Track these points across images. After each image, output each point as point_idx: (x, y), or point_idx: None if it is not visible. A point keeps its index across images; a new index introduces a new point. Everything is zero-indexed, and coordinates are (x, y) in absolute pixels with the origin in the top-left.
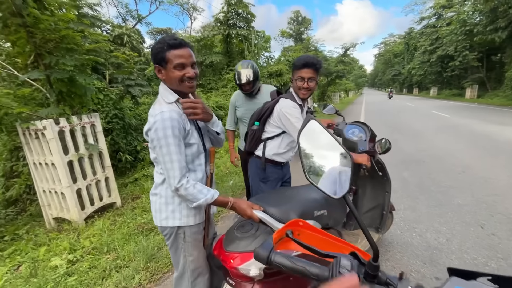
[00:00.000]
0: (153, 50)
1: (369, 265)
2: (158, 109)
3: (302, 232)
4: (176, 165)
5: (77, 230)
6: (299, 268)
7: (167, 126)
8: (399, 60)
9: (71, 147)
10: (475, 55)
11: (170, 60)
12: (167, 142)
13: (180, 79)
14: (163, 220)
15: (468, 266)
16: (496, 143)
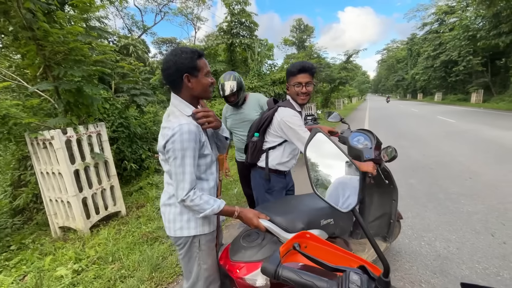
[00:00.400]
0: (180, 60)
1: (380, 281)
2: (176, 122)
3: (309, 244)
4: (188, 177)
5: (83, 239)
6: (307, 283)
7: (185, 139)
8: (402, 66)
9: (77, 156)
10: (479, 60)
11: (201, 68)
12: (183, 154)
13: (209, 85)
14: (177, 230)
15: (480, 276)
16: (504, 148)
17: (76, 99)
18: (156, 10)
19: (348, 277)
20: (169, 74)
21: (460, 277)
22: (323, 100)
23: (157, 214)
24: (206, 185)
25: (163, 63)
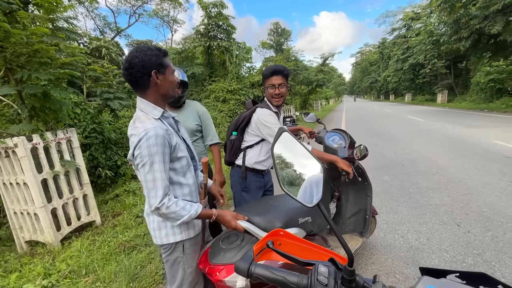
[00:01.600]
0: (146, 57)
1: (345, 270)
2: (142, 127)
3: (283, 241)
4: (159, 184)
5: (52, 253)
6: (279, 278)
7: (152, 144)
8: (375, 68)
9: (45, 164)
10: (443, 63)
11: (168, 66)
12: (152, 160)
13: (173, 87)
14: (163, 237)
15: (448, 264)
16: (466, 144)
17: (43, 104)
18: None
19: (317, 270)
20: (135, 72)
21: (430, 266)
22: (302, 102)
23: (135, 221)
24: (187, 190)
25: (127, 61)
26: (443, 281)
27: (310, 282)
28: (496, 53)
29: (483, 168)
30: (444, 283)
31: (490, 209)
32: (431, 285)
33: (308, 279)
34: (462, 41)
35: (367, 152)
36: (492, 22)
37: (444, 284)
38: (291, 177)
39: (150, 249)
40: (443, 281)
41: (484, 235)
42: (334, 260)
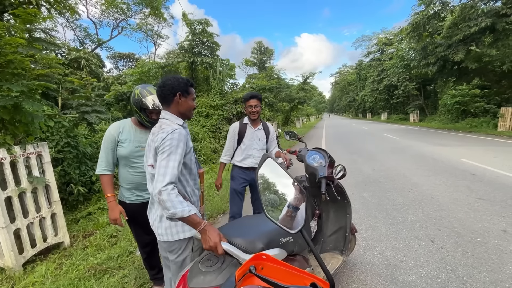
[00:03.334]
0: (177, 82)
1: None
2: (170, 127)
3: (265, 265)
4: (169, 171)
5: (12, 279)
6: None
7: (175, 137)
8: (353, 88)
9: (10, 181)
10: (414, 85)
11: (191, 93)
12: (170, 151)
13: (193, 108)
14: (174, 234)
15: (424, 280)
16: (437, 162)
17: (13, 116)
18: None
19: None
20: (165, 90)
21: (407, 283)
22: (284, 118)
23: (108, 242)
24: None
25: (162, 81)
26: None
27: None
28: (459, 78)
29: (453, 185)
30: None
31: (460, 224)
32: None
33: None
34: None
35: (345, 172)
36: (455, 51)
37: None
38: (274, 202)
39: (124, 272)
40: None
41: (456, 251)
42: (315, 285)
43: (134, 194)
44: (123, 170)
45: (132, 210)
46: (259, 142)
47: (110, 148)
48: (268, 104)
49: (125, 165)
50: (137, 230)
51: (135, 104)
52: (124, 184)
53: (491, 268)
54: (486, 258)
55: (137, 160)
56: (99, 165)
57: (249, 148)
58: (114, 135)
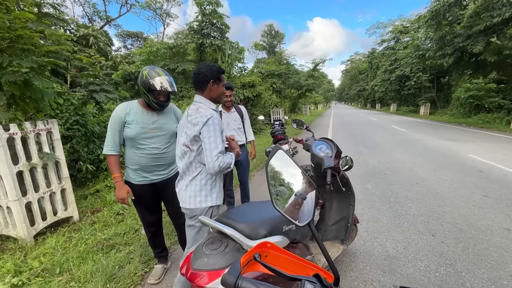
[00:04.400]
0: (209, 69)
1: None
2: (207, 111)
3: (270, 253)
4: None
5: (25, 249)
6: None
7: (216, 123)
8: (363, 77)
9: (21, 156)
10: (427, 76)
11: (222, 80)
12: (215, 134)
13: (223, 94)
14: (197, 203)
15: (422, 273)
16: (444, 157)
17: (23, 92)
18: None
19: (303, 287)
20: (199, 77)
21: (405, 275)
22: (291, 105)
23: (115, 219)
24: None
25: (197, 69)
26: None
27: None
28: (476, 71)
29: (459, 181)
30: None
31: (463, 221)
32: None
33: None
34: (445, 57)
35: (352, 164)
36: (474, 42)
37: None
38: (283, 193)
39: (130, 248)
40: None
41: (457, 246)
42: (319, 276)
43: (140, 175)
44: (130, 151)
45: (138, 190)
46: (234, 122)
47: (117, 129)
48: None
49: (132, 146)
50: (142, 210)
51: (142, 85)
52: (130, 165)
53: (490, 265)
54: (486, 255)
55: (144, 142)
56: (106, 145)
57: (227, 130)
58: (121, 116)
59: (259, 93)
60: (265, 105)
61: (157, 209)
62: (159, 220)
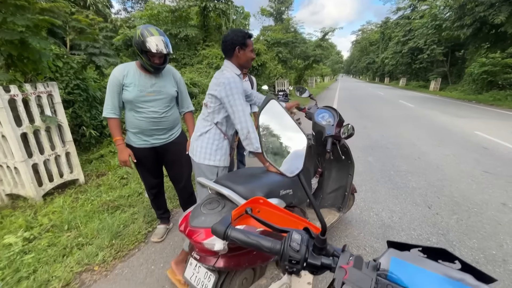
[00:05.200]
0: (236, 36)
1: (317, 238)
2: (230, 74)
3: (262, 209)
4: (246, 111)
5: (34, 207)
6: (253, 242)
7: (237, 86)
8: (374, 49)
9: (24, 118)
10: (441, 49)
11: (249, 45)
12: (239, 97)
13: (251, 59)
14: (201, 158)
15: (414, 241)
16: (450, 133)
17: (20, 52)
18: None
19: (291, 236)
20: (226, 44)
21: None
22: (297, 77)
23: (119, 183)
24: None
25: (224, 36)
26: (406, 254)
27: (283, 247)
28: (494, 44)
29: (461, 157)
30: (407, 255)
31: (460, 195)
32: (395, 256)
33: (281, 244)
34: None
35: (353, 132)
36: (497, 11)
37: (407, 256)
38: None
39: (134, 209)
40: (406, 254)
41: (451, 218)
42: (308, 229)
43: (140, 139)
44: (129, 114)
45: (139, 154)
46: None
47: (116, 91)
48: (282, 60)
49: (131, 109)
50: (144, 173)
51: (136, 46)
52: (130, 129)
53: (482, 236)
54: (479, 227)
55: (142, 105)
56: (105, 108)
57: None
58: (118, 78)
59: (264, 62)
60: (270, 76)
61: (158, 173)
62: (161, 183)
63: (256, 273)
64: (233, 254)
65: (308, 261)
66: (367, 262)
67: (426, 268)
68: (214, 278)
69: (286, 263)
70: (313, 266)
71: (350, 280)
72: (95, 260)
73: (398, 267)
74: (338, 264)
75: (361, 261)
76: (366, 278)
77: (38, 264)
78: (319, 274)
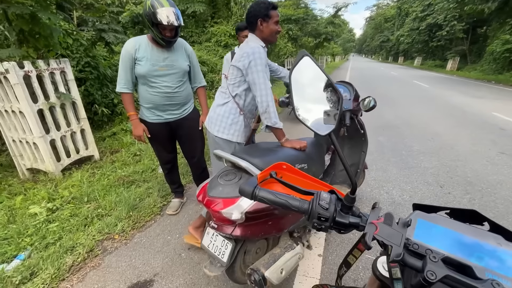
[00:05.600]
0: (258, 7)
1: (347, 197)
2: (255, 45)
3: (285, 174)
4: (268, 84)
5: (54, 181)
6: (281, 201)
7: (263, 57)
8: (389, 26)
9: (40, 94)
10: (462, 25)
11: (272, 17)
12: (262, 68)
13: (276, 32)
14: (215, 131)
15: None
16: (466, 114)
17: (31, 27)
18: None
19: (319, 196)
20: (249, 17)
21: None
22: None
23: (133, 159)
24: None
25: (248, 9)
26: (433, 216)
27: (312, 206)
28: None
29: (477, 138)
30: (433, 217)
31: (474, 175)
32: (422, 218)
33: (309, 204)
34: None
35: (375, 104)
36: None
37: (433, 218)
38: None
39: (149, 184)
40: (433, 215)
41: (463, 197)
42: (334, 192)
43: (154, 114)
44: (142, 89)
45: (153, 129)
46: None
47: (129, 66)
48: (292, 38)
49: (144, 84)
50: (158, 147)
51: (147, 18)
52: (144, 103)
53: (494, 215)
54: (491, 207)
55: (155, 80)
56: (118, 83)
57: None
58: (130, 52)
59: None
60: (280, 54)
61: (172, 148)
62: (175, 158)
63: (269, 243)
64: (249, 223)
65: (336, 220)
66: (397, 219)
67: (454, 229)
68: (231, 246)
69: (315, 220)
70: (341, 224)
71: (381, 235)
72: (114, 229)
73: (424, 227)
74: (369, 220)
75: (391, 218)
76: (397, 234)
77: (63, 232)
78: (346, 233)
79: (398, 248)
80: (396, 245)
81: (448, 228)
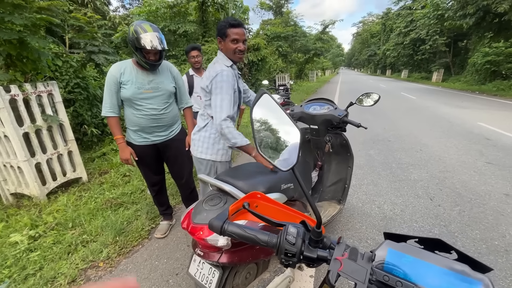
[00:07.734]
0: (218, 26)
1: (313, 231)
2: (219, 67)
3: (260, 204)
4: (225, 106)
5: (39, 206)
6: (250, 236)
7: (225, 79)
8: (375, 41)
9: (26, 118)
10: (444, 40)
11: (228, 35)
12: (222, 90)
13: (233, 51)
14: (199, 153)
15: (416, 233)
16: (452, 124)
17: (19, 52)
18: None
19: (287, 230)
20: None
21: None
22: (297, 71)
23: (122, 180)
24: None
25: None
26: (403, 245)
27: (279, 241)
28: (498, 33)
29: (464, 148)
30: (403, 246)
31: (462, 186)
32: (392, 248)
33: (277, 238)
34: (466, 17)
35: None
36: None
37: (403, 247)
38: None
39: (137, 206)
40: (402, 245)
41: (453, 209)
42: (305, 223)
43: (141, 136)
44: (128, 112)
45: (140, 151)
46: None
47: (114, 90)
48: (282, 54)
49: (130, 106)
50: (145, 170)
51: (130, 43)
52: (130, 126)
53: (484, 227)
54: (481, 218)
55: (141, 103)
56: (104, 107)
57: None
58: (115, 76)
59: (264, 56)
60: (270, 70)
61: (159, 169)
62: (163, 179)
63: (260, 267)
64: (236, 249)
65: (304, 254)
66: (363, 253)
67: (422, 259)
68: (218, 273)
69: (282, 256)
70: (309, 259)
71: (345, 271)
72: (99, 256)
73: (394, 258)
74: (333, 256)
75: (356, 253)
76: (361, 269)
77: (44, 262)
78: (316, 267)
79: (363, 285)
80: (361, 282)
81: (417, 258)
